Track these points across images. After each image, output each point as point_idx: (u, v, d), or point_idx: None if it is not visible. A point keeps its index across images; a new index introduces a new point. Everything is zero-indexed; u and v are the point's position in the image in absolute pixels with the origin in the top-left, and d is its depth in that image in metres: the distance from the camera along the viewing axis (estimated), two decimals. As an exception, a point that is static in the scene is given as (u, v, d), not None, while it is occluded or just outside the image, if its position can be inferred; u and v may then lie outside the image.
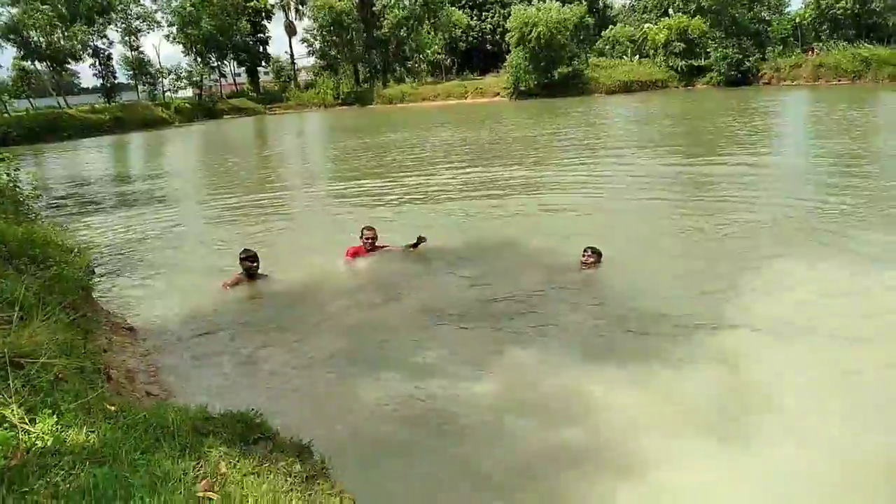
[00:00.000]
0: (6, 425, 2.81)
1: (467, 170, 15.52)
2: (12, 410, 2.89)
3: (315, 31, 61.30)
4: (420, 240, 7.65)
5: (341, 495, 2.90)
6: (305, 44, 64.48)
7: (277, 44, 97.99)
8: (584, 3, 54.25)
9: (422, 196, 12.48)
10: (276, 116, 51.65)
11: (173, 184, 17.05)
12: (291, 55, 66.53)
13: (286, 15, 64.35)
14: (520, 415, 4.07)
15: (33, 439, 2.75)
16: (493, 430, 3.95)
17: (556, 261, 7.28)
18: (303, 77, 67.77)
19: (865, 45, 43.83)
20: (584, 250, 6.82)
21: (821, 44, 48.90)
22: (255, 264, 6.80)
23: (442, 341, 5.28)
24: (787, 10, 53.97)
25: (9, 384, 3.08)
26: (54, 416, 2.90)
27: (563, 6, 49.29)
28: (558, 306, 5.94)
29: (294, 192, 14.55)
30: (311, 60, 67.19)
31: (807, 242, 7.50)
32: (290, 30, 64.62)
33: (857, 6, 48.33)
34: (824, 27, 50.78)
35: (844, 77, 40.92)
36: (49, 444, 2.73)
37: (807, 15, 51.55)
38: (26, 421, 2.86)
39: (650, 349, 4.85)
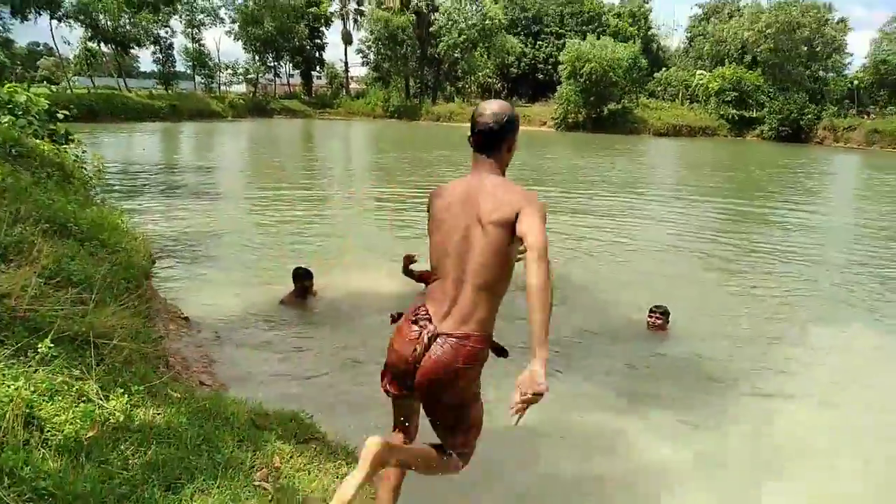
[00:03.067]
0: (85, 398, 3.06)
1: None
2: (90, 386, 3.14)
3: (370, 43, 62.42)
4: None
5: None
6: (360, 54, 65.74)
7: (333, 50, 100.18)
8: (639, 42, 54.37)
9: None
10: (326, 122, 52.54)
11: (226, 177, 17.58)
12: (346, 63, 67.72)
13: (344, 24, 65.63)
14: (557, 441, 4.27)
15: (107, 414, 2.98)
16: (530, 453, 4.12)
17: (611, 308, 7.36)
18: (354, 86, 68.93)
19: (924, 115, 43.08)
20: (651, 311, 6.49)
21: (877, 108, 48.23)
22: (310, 283, 6.67)
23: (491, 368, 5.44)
24: (846, 71, 53.33)
25: (88, 361, 3.34)
26: (125, 396, 3.13)
27: (618, 44, 49.45)
28: (608, 350, 6.03)
29: (340, 198, 14.95)
30: (364, 70, 68.40)
31: (845, 309, 7.63)
32: (347, 38, 65.83)
33: (918, 74, 47.63)
34: (882, 92, 50.06)
35: (899, 145, 40.29)
36: (121, 420, 2.96)
37: (865, 78, 50.89)
38: (101, 397, 3.10)
39: (692, 403, 4.99)
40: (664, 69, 58.32)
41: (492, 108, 2.43)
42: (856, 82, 50.77)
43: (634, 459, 4.11)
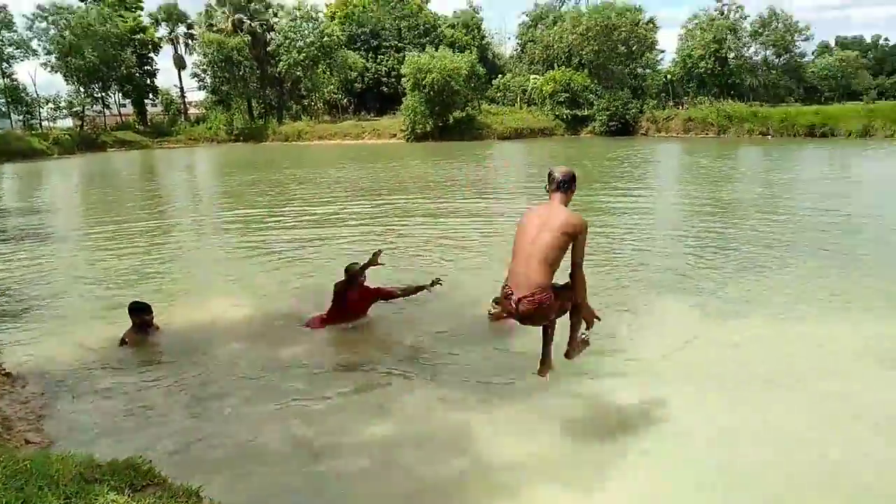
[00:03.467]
0: None
1: (370, 203, 15.92)
2: None
3: (205, 66, 60.02)
4: (435, 282, 6.84)
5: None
6: (196, 78, 63.01)
7: (166, 76, 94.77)
8: (475, 51, 56.45)
9: (318, 226, 12.52)
10: (165, 151, 49.78)
11: (55, 218, 16.20)
12: (181, 89, 64.64)
13: (175, 48, 62.62)
14: (411, 448, 4.32)
15: None
16: (384, 464, 4.16)
17: (457, 303, 7.52)
18: (193, 111, 65.91)
19: (728, 101, 48.12)
20: (495, 302, 6.40)
21: (689, 99, 53.38)
22: (149, 317, 6.26)
23: (338, 384, 5.42)
24: (660, 66, 58.53)
25: None
26: (-71, 469, 2.83)
27: (455, 53, 51.07)
28: (456, 350, 6.12)
29: (183, 226, 14.24)
30: (203, 95, 65.56)
31: (671, 288, 8.18)
32: (180, 63, 62.89)
33: (717, 66, 53.35)
34: (691, 84, 55.54)
35: (711, 130, 44.64)
36: (-76, 497, 2.68)
37: (676, 71, 56.20)
38: None
39: (537, 392, 5.08)
40: (501, 76, 60.96)
41: (561, 170, 4.31)
42: (669, 76, 55.94)
43: (486, 457, 4.21)
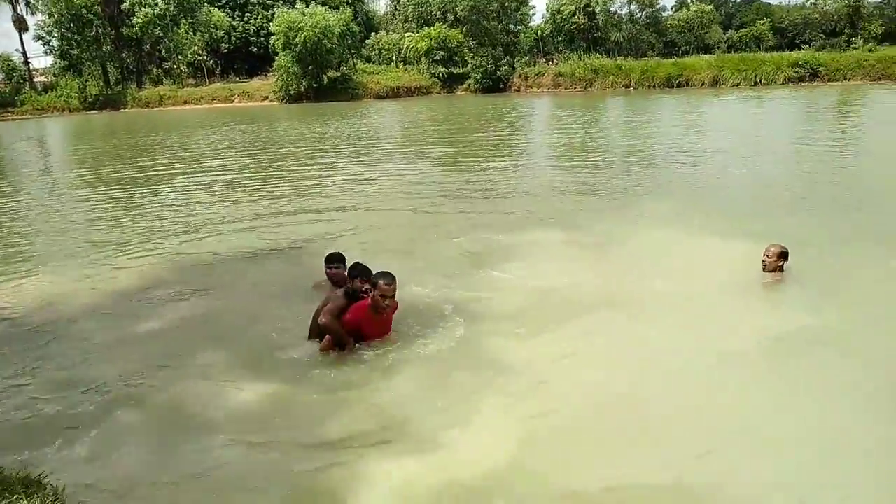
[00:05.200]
0: None
1: (237, 171, 15.42)
2: None
3: (51, 27, 54.71)
4: None
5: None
6: (41, 41, 57.35)
7: (6, 41, 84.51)
8: (349, 9, 55.03)
9: (186, 198, 11.96)
10: (8, 123, 45.26)
11: None
12: (24, 54, 58.54)
13: (14, 7, 56.50)
14: (287, 421, 4.24)
15: None
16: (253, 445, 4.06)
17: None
18: (40, 79, 60.11)
19: (595, 56, 50.08)
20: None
21: (559, 55, 55.00)
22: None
23: (207, 354, 5.29)
24: (531, 23, 59.71)
25: None
26: None
27: (328, 11, 49.55)
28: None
29: (31, 200, 13.12)
30: (50, 60, 59.87)
31: (547, 228, 8.60)
32: (20, 25, 56.91)
33: (586, 21, 55.15)
34: (560, 39, 57.18)
35: (579, 84, 46.38)
36: None
37: (546, 28, 57.59)
38: None
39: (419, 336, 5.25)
40: (375, 33, 59.90)
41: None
42: (540, 32, 57.22)
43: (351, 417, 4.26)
